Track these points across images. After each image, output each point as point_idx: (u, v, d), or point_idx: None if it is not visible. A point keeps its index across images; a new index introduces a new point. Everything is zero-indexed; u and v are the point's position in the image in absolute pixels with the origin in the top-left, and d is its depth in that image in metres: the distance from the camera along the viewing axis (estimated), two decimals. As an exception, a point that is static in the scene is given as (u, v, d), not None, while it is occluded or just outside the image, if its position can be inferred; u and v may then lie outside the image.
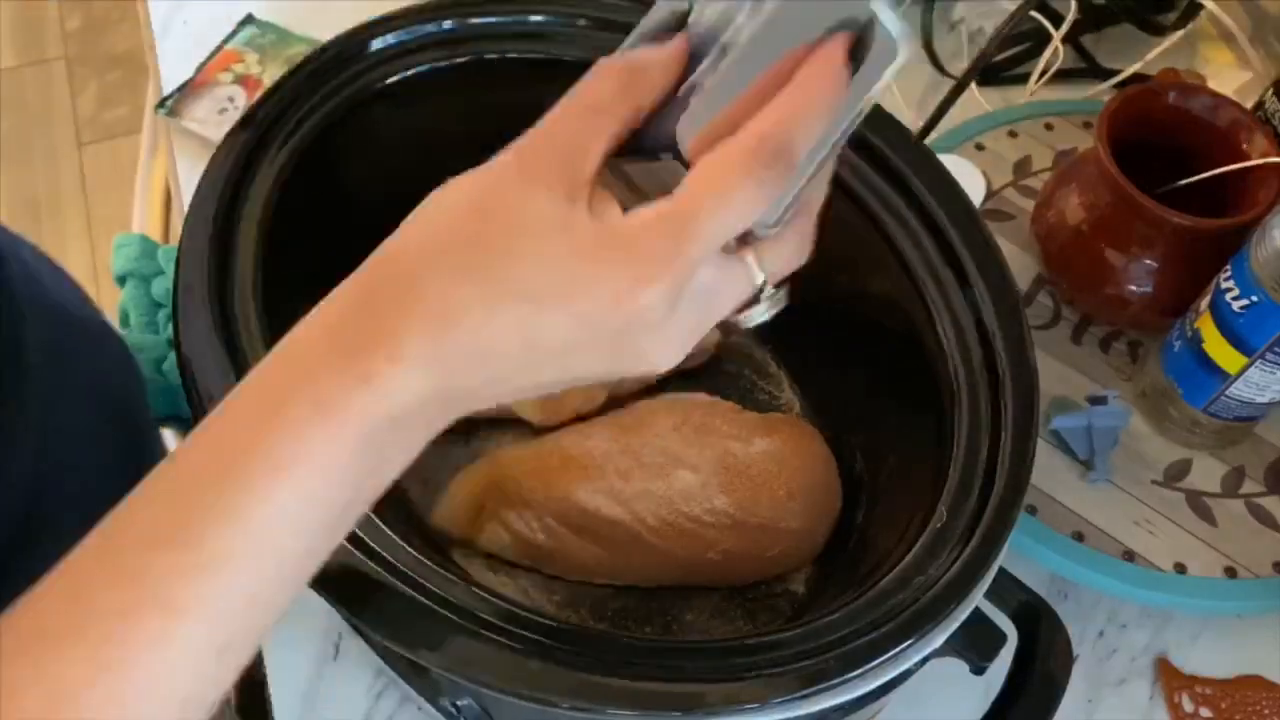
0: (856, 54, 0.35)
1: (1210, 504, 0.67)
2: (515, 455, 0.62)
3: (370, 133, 0.61)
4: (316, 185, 0.58)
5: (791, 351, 0.70)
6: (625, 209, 0.35)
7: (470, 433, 0.66)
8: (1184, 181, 0.68)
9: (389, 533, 0.45)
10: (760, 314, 0.38)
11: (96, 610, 0.32)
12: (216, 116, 0.78)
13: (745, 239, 0.36)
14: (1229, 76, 0.88)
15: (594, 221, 0.34)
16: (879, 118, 0.61)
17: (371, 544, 0.45)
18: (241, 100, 0.79)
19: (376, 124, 0.61)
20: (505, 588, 0.61)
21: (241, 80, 0.81)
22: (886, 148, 0.59)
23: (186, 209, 0.54)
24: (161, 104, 0.79)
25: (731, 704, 0.44)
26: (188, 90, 0.80)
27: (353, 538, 0.45)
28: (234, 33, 0.83)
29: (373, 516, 0.45)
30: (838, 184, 0.60)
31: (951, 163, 0.66)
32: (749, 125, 0.34)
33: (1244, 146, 0.68)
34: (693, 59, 0.37)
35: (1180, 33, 0.86)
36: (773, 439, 0.62)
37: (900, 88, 0.83)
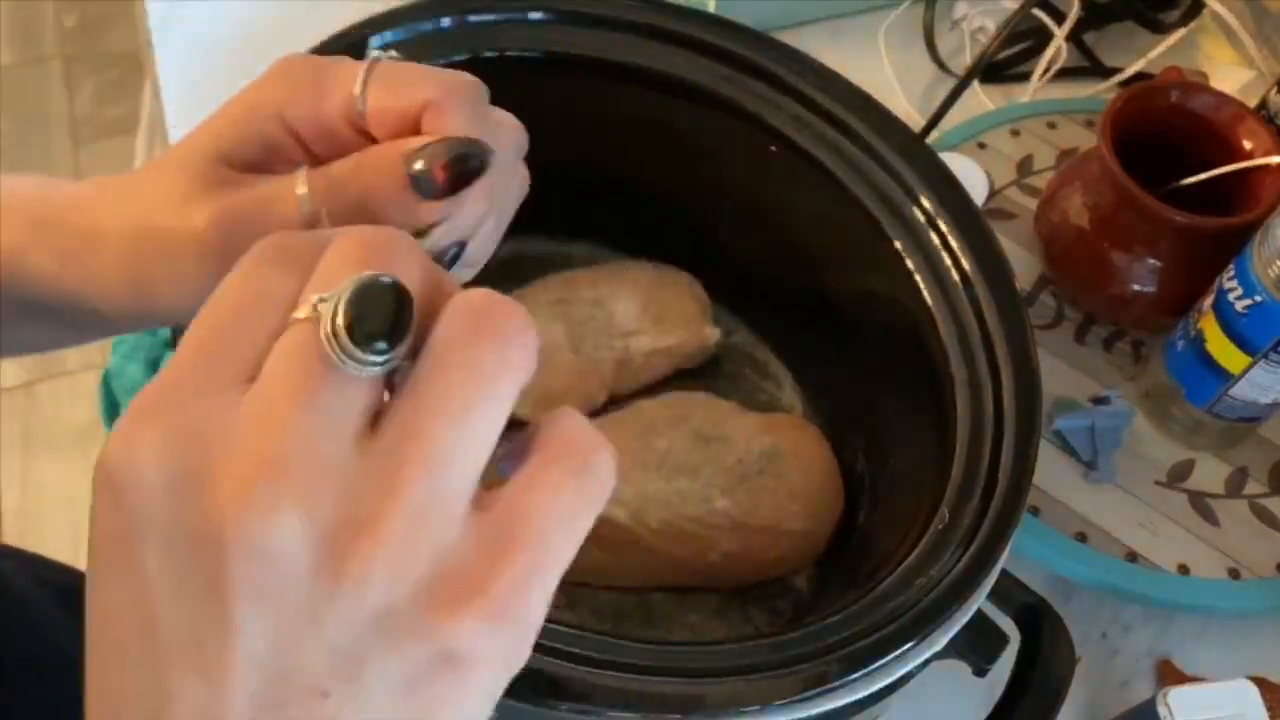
0: None
1: (1213, 505, 0.66)
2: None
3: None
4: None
5: (792, 351, 0.70)
6: None
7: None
8: (1187, 180, 0.68)
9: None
10: None
11: None
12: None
13: None
14: (1232, 75, 0.87)
15: None
16: (880, 116, 0.60)
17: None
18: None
19: (375, 122, 0.60)
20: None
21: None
22: (888, 146, 0.59)
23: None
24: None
25: (732, 705, 0.43)
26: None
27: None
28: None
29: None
30: (839, 184, 0.60)
31: (953, 161, 0.66)
32: None
33: (1247, 145, 0.67)
34: None
35: (1183, 30, 0.85)
36: (774, 439, 0.62)
37: (902, 86, 0.83)
